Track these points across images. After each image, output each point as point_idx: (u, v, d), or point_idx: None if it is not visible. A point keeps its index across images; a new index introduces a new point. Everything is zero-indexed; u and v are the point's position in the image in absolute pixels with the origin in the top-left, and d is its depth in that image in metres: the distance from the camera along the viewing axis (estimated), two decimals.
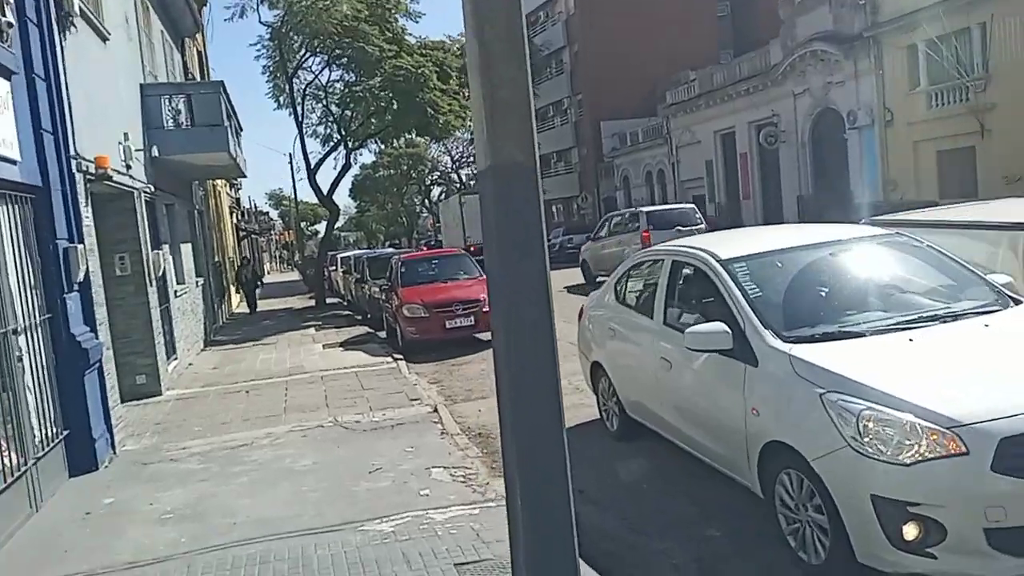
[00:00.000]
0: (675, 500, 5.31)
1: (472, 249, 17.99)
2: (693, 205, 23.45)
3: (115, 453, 7.56)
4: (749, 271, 4.68)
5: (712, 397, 4.65)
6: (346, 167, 23.60)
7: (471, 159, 78.81)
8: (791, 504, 3.92)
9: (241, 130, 17.35)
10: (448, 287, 13.28)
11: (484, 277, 13.80)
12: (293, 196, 46.17)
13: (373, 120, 23.67)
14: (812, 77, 26.71)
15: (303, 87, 22.92)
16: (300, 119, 22.64)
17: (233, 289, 21.17)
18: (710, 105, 33.04)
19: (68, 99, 7.54)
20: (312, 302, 24.57)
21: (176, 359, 12.37)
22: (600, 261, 20.42)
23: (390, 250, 28.96)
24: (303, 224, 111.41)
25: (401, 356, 12.18)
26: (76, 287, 7.32)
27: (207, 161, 13.86)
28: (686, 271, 5.49)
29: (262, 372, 11.95)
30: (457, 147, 79.72)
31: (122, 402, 9.93)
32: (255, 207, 66.36)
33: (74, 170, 7.54)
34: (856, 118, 24.46)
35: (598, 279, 17.17)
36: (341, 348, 13.71)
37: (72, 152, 7.54)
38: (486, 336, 13.05)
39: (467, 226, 27.67)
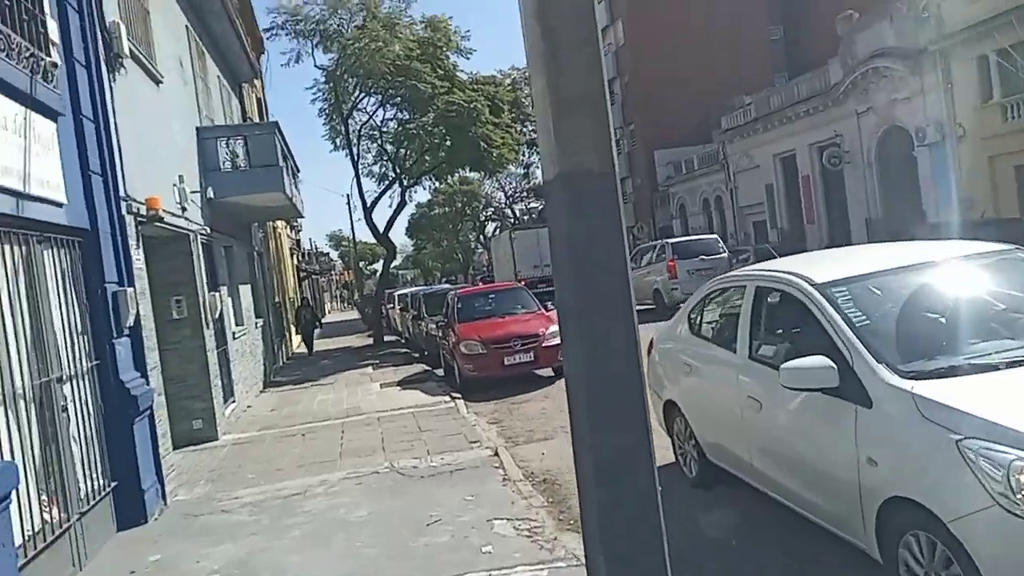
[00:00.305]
0: (768, 555, 4.70)
1: (523, 283, 17.82)
2: (716, 236, 24.83)
3: (166, 504, 7.28)
4: (851, 296, 4.10)
5: (814, 443, 4.06)
6: (401, 205, 23.63)
7: (524, 194, 78.97)
8: (920, 573, 3.31)
9: (298, 171, 17.43)
10: (506, 322, 12.88)
11: (542, 311, 13.41)
12: (351, 236, 46.51)
13: (427, 157, 23.67)
14: (876, 95, 25.76)
15: (358, 128, 23.12)
16: (356, 159, 22.80)
17: (293, 330, 21.22)
18: (768, 128, 32.23)
19: (118, 140, 7.45)
20: (370, 340, 24.48)
21: (234, 402, 12.20)
22: (635, 291, 21.68)
23: (446, 286, 28.82)
24: (361, 263, 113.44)
25: (459, 395, 11.77)
26: (126, 332, 7.14)
27: (264, 202, 13.84)
28: (772, 298, 4.93)
29: (319, 414, 11.67)
30: (510, 182, 79.99)
31: (177, 448, 9.76)
32: (315, 248, 67.63)
33: (124, 212, 7.41)
34: (925, 135, 23.40)
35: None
36: (398, 387, 13.38)
37: (122, 194, 7.43)
38: (546, 372, 12.57)
39: (517, 261, 27.99)
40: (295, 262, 32.95)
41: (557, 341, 12.63)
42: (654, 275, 21.37)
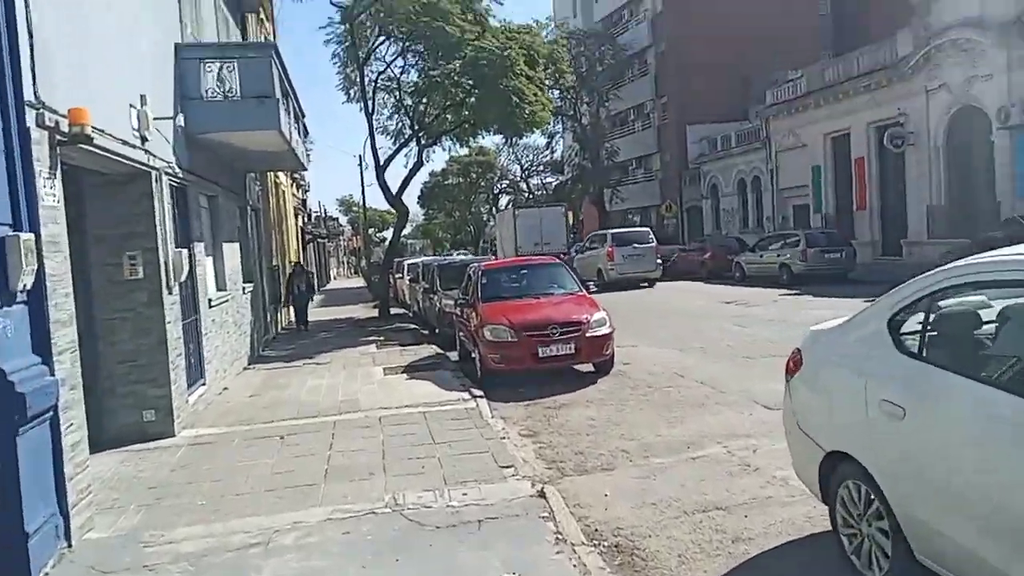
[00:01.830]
0: None
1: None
2: (648, 229, 30.23)
3: (69, 545, 5.08)
4: None
5: None
6: (418, 165, 21.25)
7: (540, 168, 76.49)
8: None
9: (303, 115, 15.09)
10: (541, 304, 10.58)
11: (584, 293, 11.07)
12: (362, 200, 44.17)
13: (449, 115, 21.26)
14: (951, 70, 23.07)
15: (375, 78, 20.71)
16: (370, 112, 20.40)
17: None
18: (820, 105, 29.52)
19: (27, 15, 5.15)
20: (375, 312, 22.25)
21: (204, 384, 9.99)
22: (582, 269, 25.35)
23: (464, 256, 26.49)
24: (371, 230, 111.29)
25: (480, 392, 9.49)
26: (19, 298, 4.89)
27: (257, 144, 11.54)
28: None
29: (307, 406, 9.44)
30: (527, 155, 77.62)
31: (119, 446, 7.56)
32: (324, 211, 65.29)
33: (28, 123, 5.12)
34: (1009, 115, 20.78)
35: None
36: (405, 375, 11.13)
37: (28, 96, 5.13)
38: (587, 368, 10.30)
39: (519, 237, 29.94)
40: (299, 223, 30.69)
41: (604, 330, 10.40)
42: (598, 258, 26.80)
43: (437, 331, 15.92)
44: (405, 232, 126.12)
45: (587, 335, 9.82)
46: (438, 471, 6.41)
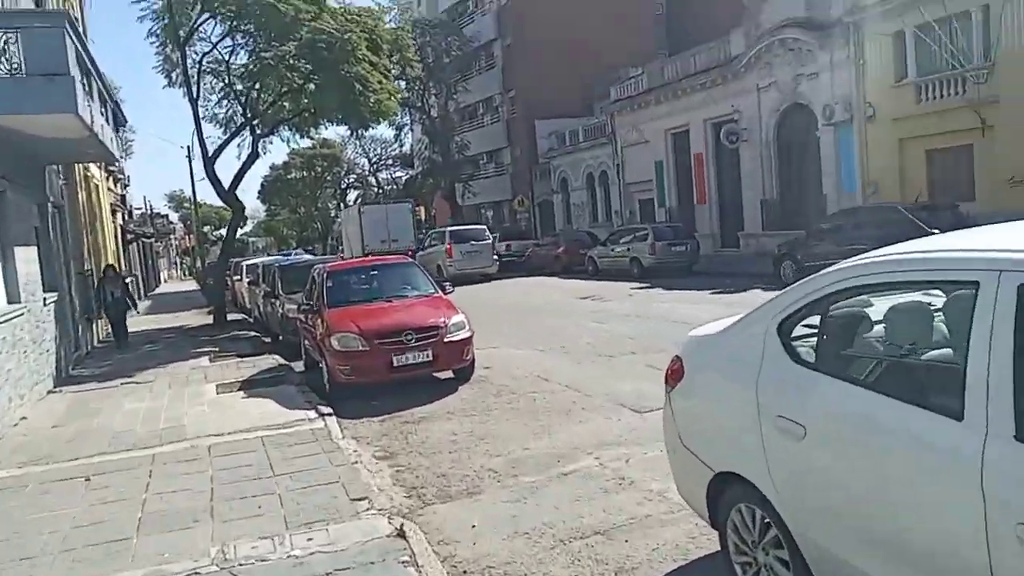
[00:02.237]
0: None
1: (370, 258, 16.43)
2: (484, 226, 31.56)
3: None
4: None
5: None
6: (252, 157, 19.56)
7: (390, 161, 74.85)
8: None
9: (113, 100, 13.30)
10: (395, 308, 9.73)
11: (439, 294, 10.35)
12: (192, 194, 41.00)
13: (287, 103, 19.80)
14: (780, 69, 24.35)
15: (199, 59, 18.85)
16: (195, 97, 18.54)
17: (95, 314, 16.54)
18: (660, 101, 30.44)
19: None
20: (211, 318, 20.39)
21: None
22: (424, 265, 28.70)
23: (307, 256, 24.98)
24: (207, 228, 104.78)
25: (328, 409, 8.53)
26: None
27: (52, 130, 9.89)
28: None
29: (121, 436, 8.10)
30: (375, 148, 75.71)
31: None
32: (150, 209, 60.41)
33: None
34: (833, 113, 22.17)
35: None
36: (242, 392, 9.93)
37: None
38: (446, 375, 9.62)
39: (365, 235, 29.91)
40: (119, 221, 27.85)
41: (463, 335, 9.71)
42: (437, 255, 27.52)
43: (280, 338, 14.66)
44: (246, 229, 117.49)
45: (445, 340, 9.11)
46: (278, 511, 5.48)
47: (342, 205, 71.65)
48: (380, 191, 74.81)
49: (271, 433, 7.68)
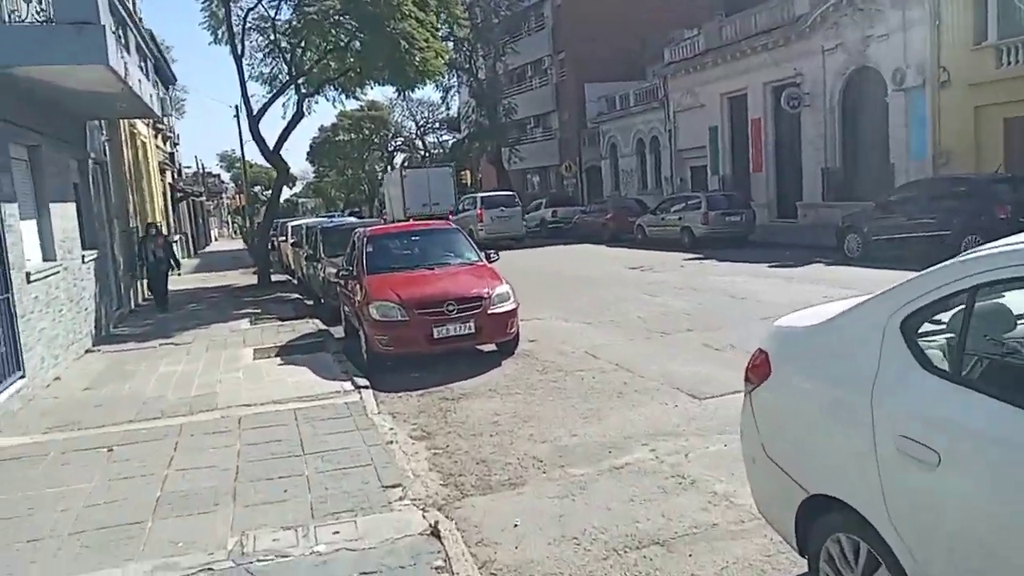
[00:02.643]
0: None
1: (411, 221, 16.62)
2: (514, 192, 32.02)
3: None
4: None
5: None
6: (298, 117, 19.16)
7: (436, 125, 74.20)
8: None
9: (152, 54, 12.93)
10: (437, 276, 9.23)
11: (484, 263, 9.81)
12: (241, 154, 40.99)
13: (332, 62, 19.31)
14: (848, 30, 22.94)
15: (244, 15, 18.43)
16: (239, 55, 18.17)
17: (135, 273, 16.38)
18: (717, 63, 29.12)
19: None
20: (255, 279, 20.25)
21: (22, 377, 8.15)
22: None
23: (350, 219, 24.63)
24: (257, 188, 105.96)
25: (365, 381, 8.11)
26: None
27: (84, 83, 9.51)
28: None
29: (151, 403, 7.80)
30: (422, 111, 75.09)
31: None
32: (202, 168, 61.00)
33: None
34: (904, 77, 20.80)
35: None
36: (279, 359, 9.59)
37: None
38: (489, 348, 9.11)
39: (407, 199, 30.21)
40: (167, 180, 27.87)
41: (508, 306, 9.16)
42: (469, 219, 27.78)
43: (322, 302, 14.33)
44: (296, 190, 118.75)
45: (488, 312, 8.59)
46: (305, 497, 5.06)
47: (389, 168, 71.39)
48: (427, 154, 74.39)
49: (304, 405, 7.29)
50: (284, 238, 23.02)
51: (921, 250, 15.04)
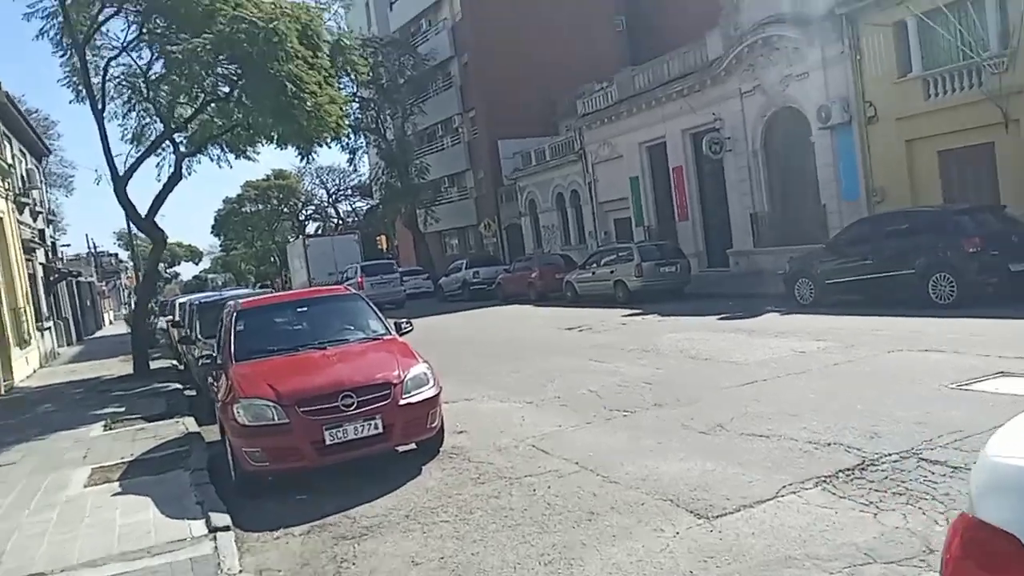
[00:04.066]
0: None
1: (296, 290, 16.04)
2: (392, 260, 35.48)
3: None
4: None
5: None
6: (174, 178, 16.69)
7: (348, 191, 72.02)
8: None
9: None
10: (329, 360, 6.95)
11: (394, 336, 7.37)
12: (127, 228, 37.51)
13: (213, 116, 17.09)
14: (765, 71, 22.28)
15: (104, 63, 16.08)
16: (96, 105, 15.72)
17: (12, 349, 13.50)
18: (633, 112, 28.23)
19: None
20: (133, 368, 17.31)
21: None
22: None
23: (235, 291, 22.00)
24: (161, 265, 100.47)
25: (226, 518, 5.67)
26: None
27: None
28: None
29: None
30: (333, 178, 72.94)
31: None
32: (93, 246, 56.73)
33: None
34: (829, 115, 20.05)
35: None
36: (119, 484, 7.07)
37: None
38: (406, 448, 6.91)
39: (312, 268, 31.69)
40: (36, 260, 24.58)
41: (427, 393, 6.65)
42: (351, 288, 27.26)
43: (199, 393, 11.77)
44: (204, 266, 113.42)
45: (401, 403, 6.39)
46: None
47: (302, 238, 68.59)
48: (340, 222, 71.83)
49: (128, 569, 4.87)
50: (171, 318, 20.19)
51: (882, 292, 13.74)
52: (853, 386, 7.59)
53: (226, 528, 5.44)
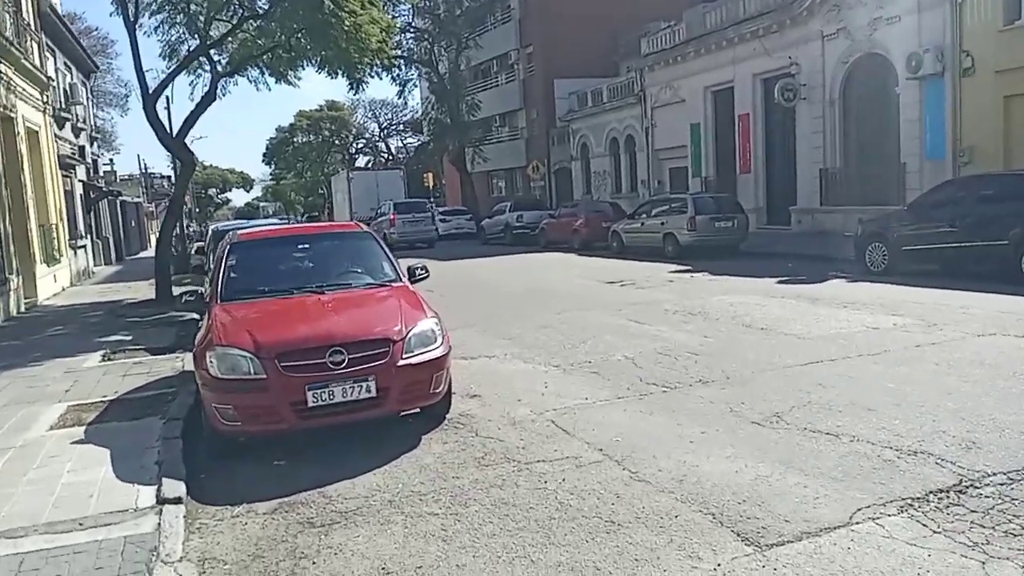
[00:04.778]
0: None
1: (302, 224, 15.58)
2: (426, 200, 34.75)
3: None
4: None
5: None
6: (208, 98, 15.81)
7: (400, 127, 70.91)
8: None
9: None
10: (323, 308, 5.98)
11: (403, 283, 6.23)
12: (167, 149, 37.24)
13: (253, 34, 16.08)
14: (851, 13, 20.24)
15: None
16: (133, 19, 14.82)
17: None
18: (700, 54, 26.33)
19: None
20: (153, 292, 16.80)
21: None
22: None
23: (237, 223, 21.19)
24: (212, 190, 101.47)
25: (180, 487, 4.81)
26: None
27: None
28: None
29: None
30: (385, 113, 71.87)
31: None
32: (144, 167, 57.03)
33: None
34: (920, 64, 18.08)
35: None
36: (84, 429, 6.31)
37: None
38: (396, 412, 5.96)
39: (354, 203, 32.46)
40: (75, 177, 24.22)
41: (433, 352, 5.34)
42: (383, 225, 29.86)
43: None
44: (256, 194, 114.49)
45: (399, 364, 5.42)
46: None
47: (345, 171, 67.99)
48: (391, 158, 70.96)
49: (47, 546, 4.07)
50: (201, 244, 19.64)
51: (967, 264, 12.25)
52: (940, 376, 6.37)
53: (177, 500, 4.59)
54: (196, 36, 15.73)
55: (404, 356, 5.47)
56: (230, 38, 16.42)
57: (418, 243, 29.59)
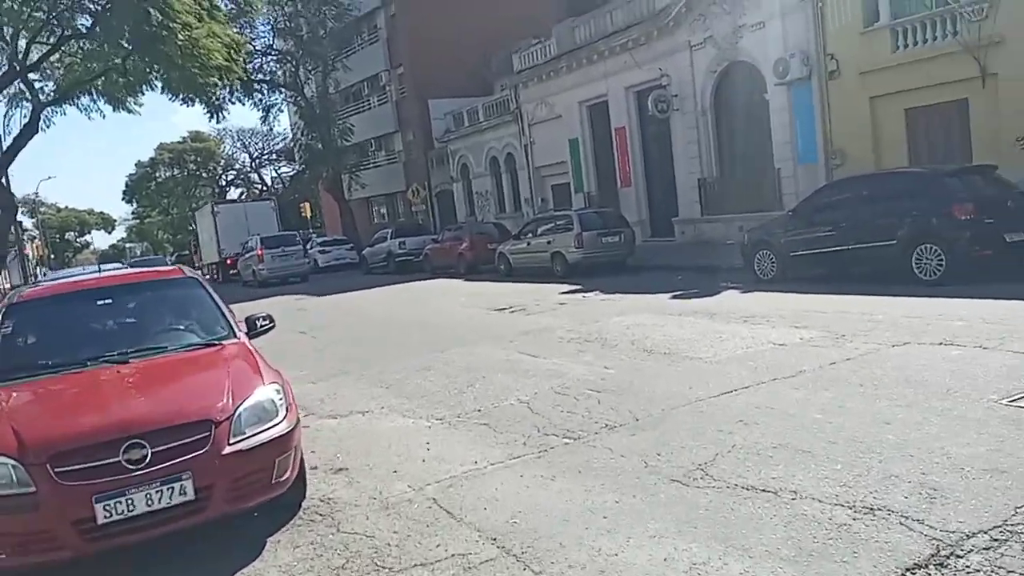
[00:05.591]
0: None
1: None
2: (295, 232, 31.56)
3: None
4: None
5: None
6: (28, 130, 13.81)
7: (273, 156, 67.95)
8: None
9: None
10: (121, 382, 4.61)
11: (240, 339, 5.00)
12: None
13: (78, 55, 14.23)
14: (717, 21, 20.33)
15: None
16: None
17: None
18: (572, 68, 26.03)
19: None
20: None
21: None
22: (243, 271, 29.84)
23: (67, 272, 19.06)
24: (70, 234, 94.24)
25: None
26: None
27: None
28: None
29: None
30: (255, 142, 68.75)
31: None
32: None
33: None
34: (788, 69, 18.24)
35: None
36: None
37: None
38: (228, 513, 4.61)
39: (221, 237, 29.86)
40: None
41: (273, 431, 3.37)
42: (251, 261, 28.88)
43: None
44: (119, 235, 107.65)
45: (224, 452, 4.13)
46: None
47: (210, 204, 64.42)
48: (265, 189, 67.76)
49: None
50: None
51: (856, 267, 12.02)
52: (868, 401, 5.66)
53: None
54: (7, 62, 13.71)
55: (232, 440, 4.18)
56: (55, 62, 14.49)
57: (290, 278, 27.96)
